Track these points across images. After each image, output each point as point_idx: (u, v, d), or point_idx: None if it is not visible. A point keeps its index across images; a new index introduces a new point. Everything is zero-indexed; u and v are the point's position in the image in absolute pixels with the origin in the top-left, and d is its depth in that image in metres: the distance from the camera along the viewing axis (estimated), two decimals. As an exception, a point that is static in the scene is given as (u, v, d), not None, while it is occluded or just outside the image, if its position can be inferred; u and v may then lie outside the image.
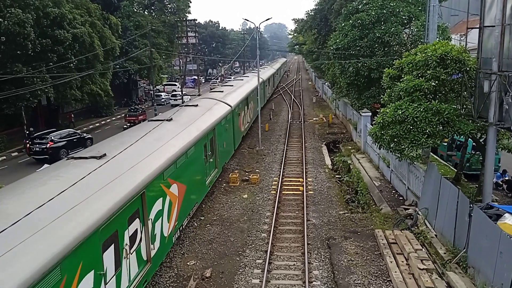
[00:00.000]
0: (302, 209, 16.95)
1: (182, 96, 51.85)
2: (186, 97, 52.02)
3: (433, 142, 13.65)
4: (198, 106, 20.09)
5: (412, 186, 16.37)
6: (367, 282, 11.43)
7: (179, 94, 53.47)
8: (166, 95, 56.86)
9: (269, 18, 32.99)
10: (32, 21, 26.96)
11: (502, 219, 10.48)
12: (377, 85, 23.20)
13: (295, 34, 62.45)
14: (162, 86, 64.78)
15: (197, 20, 72.53)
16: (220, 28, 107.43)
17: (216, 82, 72.01)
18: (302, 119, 38.13)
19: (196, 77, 75.25)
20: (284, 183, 20.37)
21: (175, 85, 66.87)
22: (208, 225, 15.74)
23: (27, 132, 30.54)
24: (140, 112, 40.58)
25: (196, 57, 74.75)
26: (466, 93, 13.77)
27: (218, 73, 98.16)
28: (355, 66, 23.97)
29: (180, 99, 50.62)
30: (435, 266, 11.26)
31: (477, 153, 17.02)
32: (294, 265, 12.64)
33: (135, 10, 55.29)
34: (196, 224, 15.74)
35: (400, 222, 14.65)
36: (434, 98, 14.02)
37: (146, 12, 59.93)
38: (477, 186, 15.43)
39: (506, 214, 10.66)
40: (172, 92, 59.23)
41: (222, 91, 26.77)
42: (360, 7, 24.62)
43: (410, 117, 13.35)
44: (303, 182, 20.37)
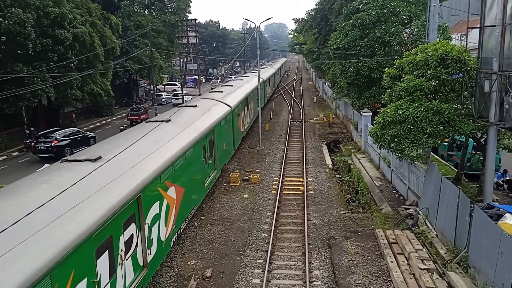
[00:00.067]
0: (303, 209, 16.96)
1: (182, 96, 51.85)
2: (187, 97, 52.05)
3: (433, 142, 13.64)
4: (197, 106, 19.90)
5: (412, 186, 16.37)
6: (368, 282, 11.42)
7: (181, 93, 53.52)
8: (167, 95, 56.94)
9: (269, 18, 33.02)
10: (32, 20, 26.98)
11: (503, 219, 10.47)
12: (377, 85, 23.18)
13: (296, 34, 62.55)
14: (163, 86, 64.88)
15: (197, 19, 72.65)
16: (220, 27, 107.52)
17: (217, 81, 71.99)
18: (302, 119, 38.13)
19: (196, 77, 75.29)
20: (284, 183, 20.37)
21: (176, 85, 66.97)
22: (208, 225, 15.74)
23: (28, 132, 30.59)
24: (142, 111, 40.94)
25: (196, 56, 74.80)
26: (466, 93, 13.76)
27: (218, 73, 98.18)
28: (356, 66, 23.95)
29: (181, 98, 50.64)
30: (436, 266, 11.26)
31: (477, 153, 17.01)
32: (295, 265, 12.64)
33: (136, 10, 55.31)
34: (196, 224, 15.75)
35: (400, 222, 14.65)
36: (434, 98, 14.00)
37: (146, 11, 59.93)
38: (477, 186, 15.41)
39: (507, 214, 10.65)
40: (172, 91, 59.30)
41: (222, 91, 26.57)
42: (360, 7, 24.59)
43: (411, 117, 13.34)
44: (304, 182, 20.36)
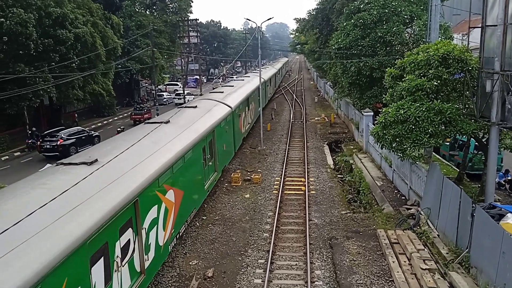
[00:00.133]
0: (304, 209, 16.95)
1: (184, 96, 51.88)
2: (190, 96, 52.11)
3: (435, 142, 13.61)
4: (197, 107, 19.71)
5: (414, 186, 16.36)
6: (369, 282, 11.42)
7: (183, 93, 53.58)
8: (168, 95, 57.06)
9: (270, 18, 33.10)
10: (34, 21, 27.02)
11: (505, 219, 10.46)
12: (379, 84, 23.14)
13: (297, 34, 62.40)
14: (164, 86, 64.96)
15: (198, 19, 72.55)
16: (221, 27, 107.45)
17: (218, 81, 72.04)
18: (304, 119, 38.11)
19: (198, 76, 75.31)
20: (286, 183, 20.37)
21: (177, 84, 67.07)
22: (210, 225, 15.75)
23: (30, 132, 30.69)
24: (145, 110, 41.22)
25: (198, 56, 74.80)
26: (468, 92, 13.73)
27: (220, 72, 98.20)
28: (357, 66, 23.92)
29: (184, 98, 50.65)
30: (438, 266, 11.25)
31: (479, 152, 16.99)
32: (296, 265, 12.65)
33: (137, 10, 55.43)
34: (198, 224, 15.76)
35: (402, 222, 14.64)
36: (436, 97, 13.98)
37: (148, 11, 60.02)
38: (479, 186, 15.38)
39: (509, 214, 10.63)
40: (174, 91, 59.38)
41: (222, 92, 26.41)
42: (362, 7, 24.58)
43: (412, 116, 13.32)
44: (305, 182, 20.36)
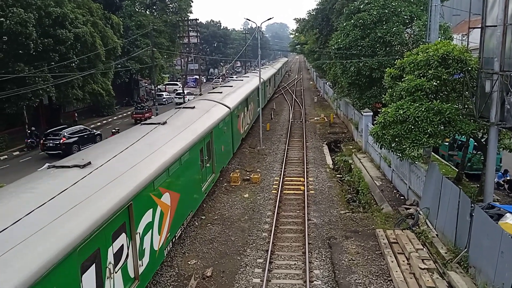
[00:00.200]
0: (303, 208, 16.96)
1: (183, 96, 51.88)
2: (190, 96, 52.13)
3: (434, 142, 13.63)
4: (195, 108, 19.49)
5: (413, 185, 16.37)
6: (368, 282, 11.42)
7: (183, 93, 53.58)
8: (168, 95, 57.10)
9: (270, 18, 33.15)
10: (34, 20, 27.02)
11: (504, 219, 10.46)
12: (378, 84, 23.17)
13: (297, 34, 62.45)
14: (164, 86, 64.95)
15: (198, 19, 72.44)
16: (221, 27, 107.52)
17: (218, 81, 72.04)
18: (303, 119, 38.14)
19: (197, 76, 75.27)
20: (285, 183, 20.38)
21: (177, 84, 67.05)
22: (209, 224, 15.75)
23: (29, 131, 30.68)
24: (146, 109, 41.41)
25: (197, 56, 74.73)
26: (467, 93, 13.74)
27: (219, 72, 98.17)
28: (357, 66, 23.94)
29: (183, 98, 50.66)
30: (436, 266, 11.25)
31: (478, 153, 17.00)
32: (295, 264, 12.65)
33: (137, 10, 55.39)
34: (197, 223, 15.76)
35: (401, 222, 14.64)
36: (435, 98, 13.99)
37: (147, 11, 59.99)
38: (478, 186, 15.39)
39: (508, 214, 10.64)
40: (174, 91, 59.42)
41: (221, 92, 26.18)
42: (361, 7, 24.59)
43: (412, 116, 13.33)
44: (304, 181, 20.36)
